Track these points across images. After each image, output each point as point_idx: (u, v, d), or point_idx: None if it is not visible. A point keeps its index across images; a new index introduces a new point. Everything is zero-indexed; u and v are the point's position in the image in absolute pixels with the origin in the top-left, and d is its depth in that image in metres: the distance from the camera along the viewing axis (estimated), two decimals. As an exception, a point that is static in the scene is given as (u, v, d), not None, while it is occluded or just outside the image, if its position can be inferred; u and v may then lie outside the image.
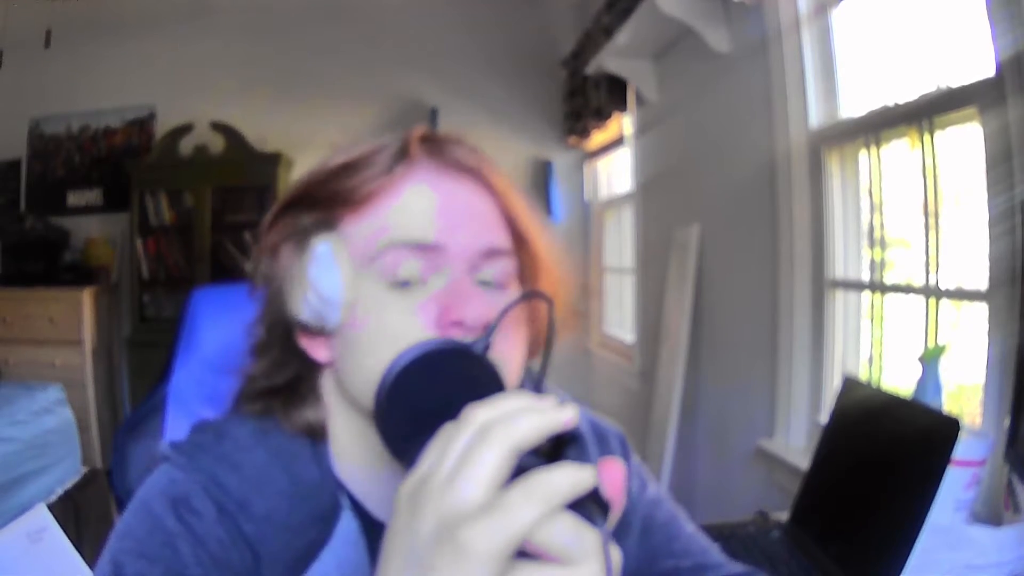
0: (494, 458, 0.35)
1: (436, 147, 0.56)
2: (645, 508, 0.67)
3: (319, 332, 0.55)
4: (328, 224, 0.55)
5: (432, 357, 0.46)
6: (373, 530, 0.57)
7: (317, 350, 0.57)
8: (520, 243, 0.57)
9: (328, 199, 0.55)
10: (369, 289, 0.53)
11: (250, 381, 0.60)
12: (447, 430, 0.38)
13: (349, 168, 0.55)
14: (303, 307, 0.54)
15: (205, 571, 0.51)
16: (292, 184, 0.59)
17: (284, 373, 0.59)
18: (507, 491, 0.34)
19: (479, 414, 0.37)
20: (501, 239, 0.56)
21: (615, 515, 0.37)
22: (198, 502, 0.53)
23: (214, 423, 0.60)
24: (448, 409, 0.40)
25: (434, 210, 0.53)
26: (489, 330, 0.49)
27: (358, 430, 0.57)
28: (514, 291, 0.56)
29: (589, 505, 0.36)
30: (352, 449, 0.59)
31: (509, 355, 0.54)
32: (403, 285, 0.52)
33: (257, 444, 0.57)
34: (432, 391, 0.45)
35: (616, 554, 0.36)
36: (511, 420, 0.36)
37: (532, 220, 0.58)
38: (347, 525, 0.56)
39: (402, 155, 0.55)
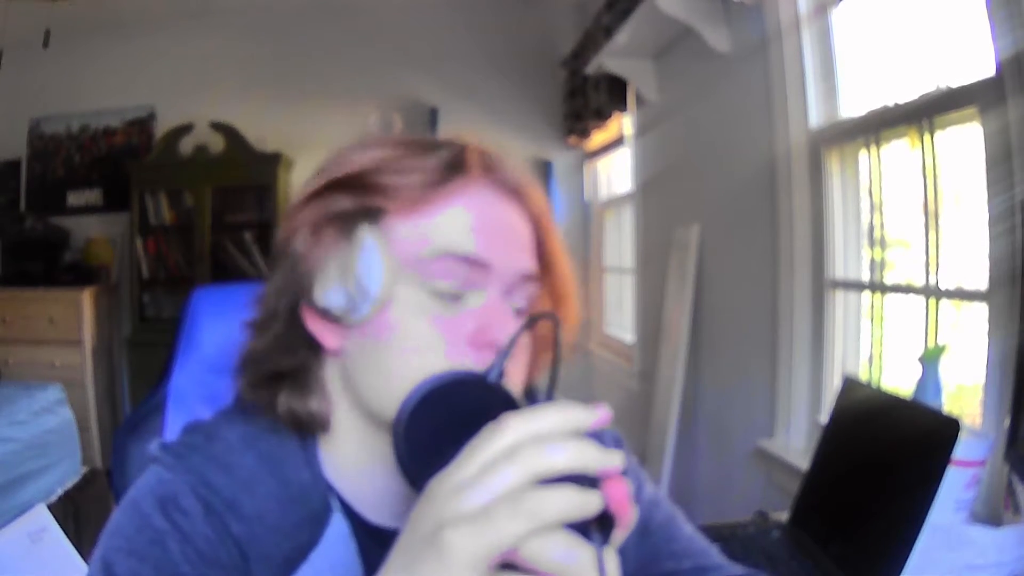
0: (514, 480, 0.35)
1: (490, 164, 0.56)
2: (642, 509, 0.67)
3: (337, 320, 0.54)
4: (371, 216, 0.54)
5: (447, 389, 0.46)
6: (364, 532, 0.57)
7: (328, 337, 0.55)
8: (546, 269, 0.58)
9: (377, 191, 0.53)
10: (408, 293, 0.53)
11: (254, 364, 0.58)
12: (484, 434, 0.37)
13: (400, 165, 0.54)
14: (333, 294, 0.53)
15: (194, 568, 0.51)
16: (332, 163, 0.57)
17: (288, 358, 0.57)
18: (497, 502, 0.34)
19: (516, 427, 0.37)
20: (533, 264, 0.57)
21: (621, 532, 0.37)
22: (186, 501, 0.54)
23: (205, 425, 0.60)
24: (464, 441, 0.39)
25: (482, 228, 0.54)
26: (501, 356, 0.49)
27: (361, 430, 0.57)
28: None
29: (590, 522, 0.35)
30: (350, 449, 0.58)
31: (516, 378, 0.55)
32: (442, 296, 0.53)
33: (247, 448, 0.57)
34: (449, 423, 0.44)
35: (614, 570, 0.36)
36: (547, 446, 0.36)
37: (560, 246, 0.59)
38: (338, 527, 0.56)
39: (457, 166, 0.55)
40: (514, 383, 0.54)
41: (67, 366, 3.36)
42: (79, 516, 2.09)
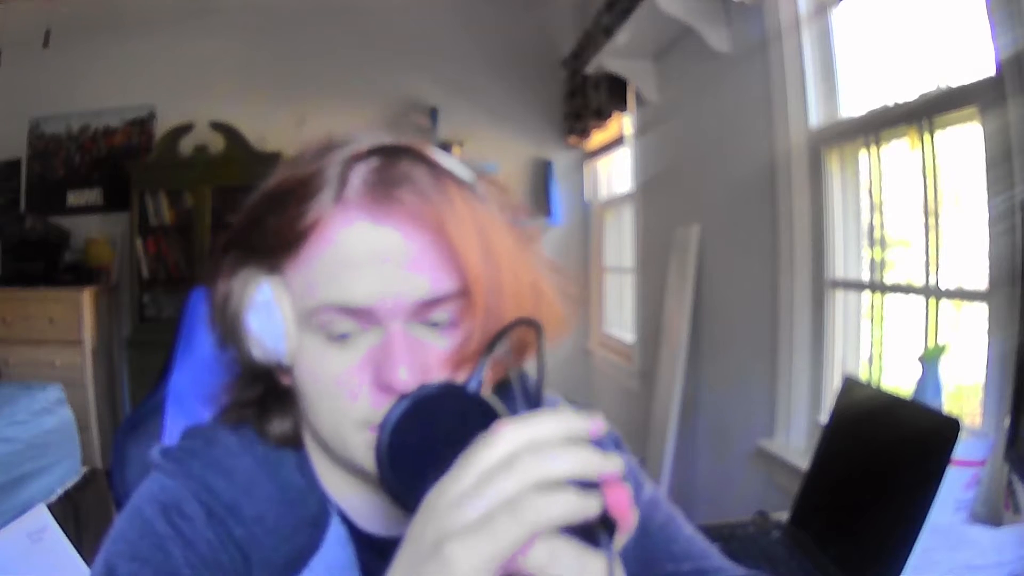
0: (513, 489, 0.34)
1: (376, 181, 0.50)
2: (642, 510, 0.64)
3: (279, 367, 0.55)
4: (271, 267, 0.52)
5: (425, 405, 0.45)
6: (357, 539, 0.58)
7: (281, 376, 0.57)
8: (466, 282, 0.50)
9: (266, 245, 0.52)
10: (310, 341, 0.51)
11: (224, 394, 0.60)
12: (478, 444, 0.37)
13: (285, 195, 0.51)
14: (253, 350, 0.53)
15: (196, 572, 0.52)
16: (240, 210, 0.56)
17: (252, 390, 0.59)
18: (496, 510, 0.34)
19: (511, 435, 0.36)
20: (442, 285, 0.49)
21: (622, 537, 0.37)
22: (188, 506, 0.54)
23: (204, 429, 0.60)
24: (450, 457, 0.39)
25: (363, 260, 0.49)
26: (479, 368, 0.47)
27: (329, 461, 0.58)
28: (469, 328, 0.50)
29: (595, 527, 0.35)
30: (324, 467, 0.59)
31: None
32: (341, 338, 0.50)
33: (244, 451, 0.58)
34: (431, 440, 0.43)
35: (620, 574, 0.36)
36: (545, 454, 0.35)
37: (471, 247, 0.49)
38: (336, 531, 0.57)
39: (339, 186, 0.50)
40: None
41: (67, 366, 3.36)
42: (79, 516, 2.09)
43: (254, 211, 0.54)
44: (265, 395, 0.59)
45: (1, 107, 3.70)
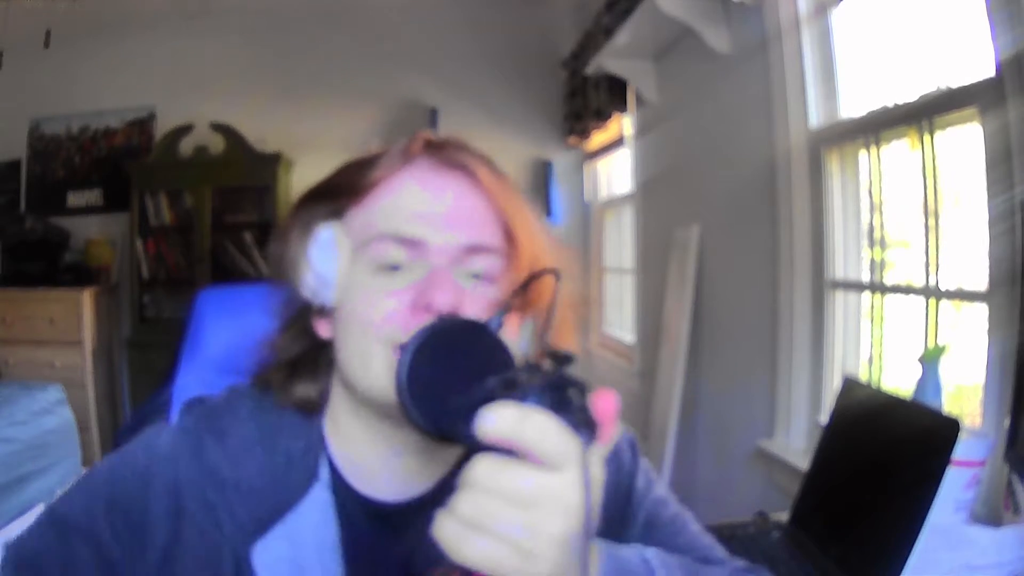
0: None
1: (436, 148, 0.61)
2: (651, 505, 0.70)
3: (322, 311, 0.61)
4: (336, 214, 0.61)
5: (448, 334, 0.49)
6: (354, 504, 0.61)
7: (322, 328, 0.62)
8: (510, 241, 0.60)
9: (336, 191, 0.61)
10: (359, 272, 0.58)
11: (261, 352, 0.65)
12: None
13: (360, 164, 0.62)
14: (303, 285, 0.59)
15: (173, 524, 0.57)
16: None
17: (292, 349, 0.63)
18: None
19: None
20: (487, 236, 0.59)
21: (604, 441, 0.41)
22: (185, 465, 0.59)
23: (232, 395, 0.64)
24: (466, 378, 0.43)
25: (422, 206, 0.58)
26: (502, 309, 0.52)
27: (349, 407, 0.61)
28: (504, 286, 0.59)
29: (580, 424, 0.39)
30: (344, 426, 0.62)
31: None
32: (390, 269, 0.57)
33: (251, 418, 0.62)
34: (447, 367, 0.47)
35: (598, 471, 0.40)
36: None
37: (525, 220, 0.61)
38: (318, 495, 0.59)
39: (405, 153, 0.61)
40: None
41: (67, 366, 3.36)
42: (79, 516, 2.09)
43: (331, 177, 0.63)
44: (302, 356, 0.63)
45: (1, 107, 3.70)
